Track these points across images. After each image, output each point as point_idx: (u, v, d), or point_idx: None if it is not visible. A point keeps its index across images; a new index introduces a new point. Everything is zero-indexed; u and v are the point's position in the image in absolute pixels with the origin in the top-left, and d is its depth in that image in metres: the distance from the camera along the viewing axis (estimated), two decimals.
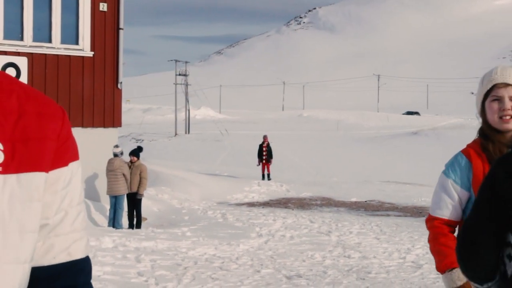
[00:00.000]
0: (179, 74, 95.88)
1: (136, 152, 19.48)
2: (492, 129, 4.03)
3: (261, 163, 33.39)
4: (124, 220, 18.93)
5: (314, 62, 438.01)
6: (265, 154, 33.33)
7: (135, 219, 18.87)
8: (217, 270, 13.02)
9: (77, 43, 19.48)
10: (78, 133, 19.48)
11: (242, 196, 27.13)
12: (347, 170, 49.60)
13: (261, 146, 33.92)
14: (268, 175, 32.95)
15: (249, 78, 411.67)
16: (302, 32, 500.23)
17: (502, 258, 2.60)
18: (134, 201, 18.86)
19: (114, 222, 18.43)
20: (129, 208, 18.91)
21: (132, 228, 18.56)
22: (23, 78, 17.04)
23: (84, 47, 19.53)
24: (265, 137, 34.14)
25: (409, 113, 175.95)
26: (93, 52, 19.61)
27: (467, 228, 2.70)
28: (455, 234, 4.05)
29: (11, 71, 16.87)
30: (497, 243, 2.60)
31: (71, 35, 19.37)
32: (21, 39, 18.70)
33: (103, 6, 19.69)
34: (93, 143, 19.67)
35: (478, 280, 2.68)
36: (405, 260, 14.56)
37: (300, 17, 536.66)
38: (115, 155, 18.90)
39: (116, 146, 19.17)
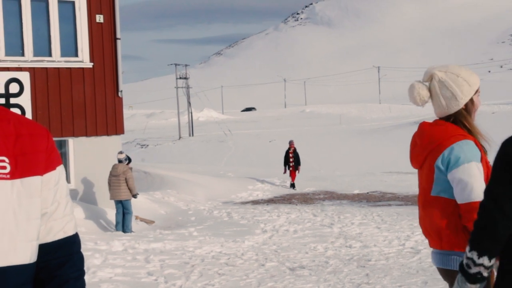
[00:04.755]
0: (180, 78, 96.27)
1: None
2: (472, 120, 4.63)
3: (288, 171, 30.26)
4: (133, 224, 19.42)
5: (313, 58, 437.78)
6: (292, 161, 30.25)
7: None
8: (223, 266, 13.51)
9: (76, 55, 20.03)
10: (82, 142, 20.04)
11: (246, 195, 27.55)
12: (350, 163, 50.07)
13: (287, 152, 30.47)
14: (293, 184, 29.98)
15: (249, 77, 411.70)
16: (300, 28, 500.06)
17: None
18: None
19: (123, 226, 18.91)
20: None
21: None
22: (26, 93, 17.56)
23: (83, 59, 20.07)
24: (291, 143, 30.82)
25: (247, 109, 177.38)
26: (92, 63, 20.15)
27: (494, 197, 3.32)
28: None
29: (14, 87, 17.40)
30: None
31: (70, 48, 19.92)
32: (22, 54, 19.24)
33: (99, 18, 20.22)
34: (98, 151, 20.20)
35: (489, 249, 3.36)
36: (404, 247, 15.06)
37: (297, 13, 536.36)
38: (120, 161, 19.44)
39: (120, 152, 19.70)
